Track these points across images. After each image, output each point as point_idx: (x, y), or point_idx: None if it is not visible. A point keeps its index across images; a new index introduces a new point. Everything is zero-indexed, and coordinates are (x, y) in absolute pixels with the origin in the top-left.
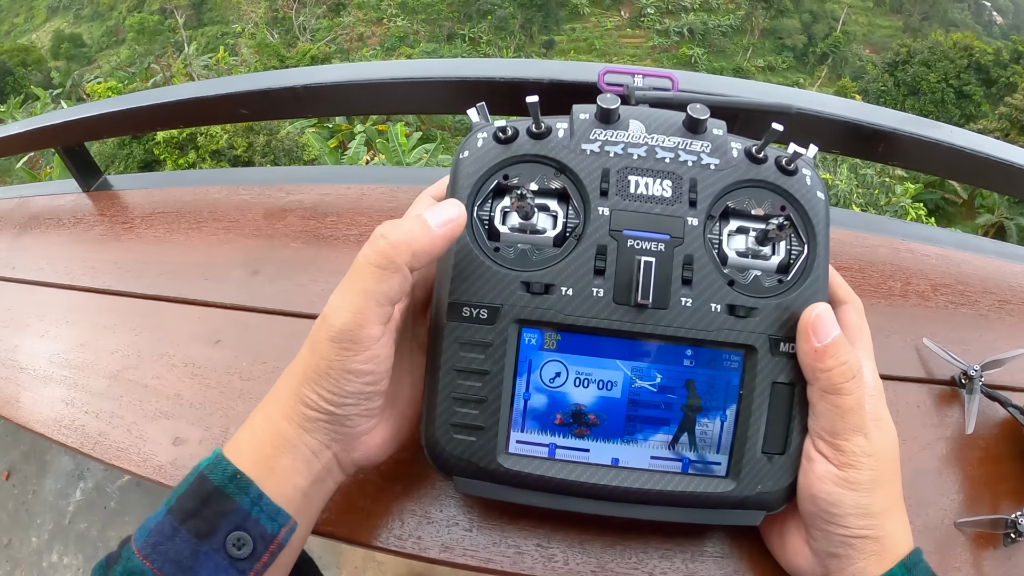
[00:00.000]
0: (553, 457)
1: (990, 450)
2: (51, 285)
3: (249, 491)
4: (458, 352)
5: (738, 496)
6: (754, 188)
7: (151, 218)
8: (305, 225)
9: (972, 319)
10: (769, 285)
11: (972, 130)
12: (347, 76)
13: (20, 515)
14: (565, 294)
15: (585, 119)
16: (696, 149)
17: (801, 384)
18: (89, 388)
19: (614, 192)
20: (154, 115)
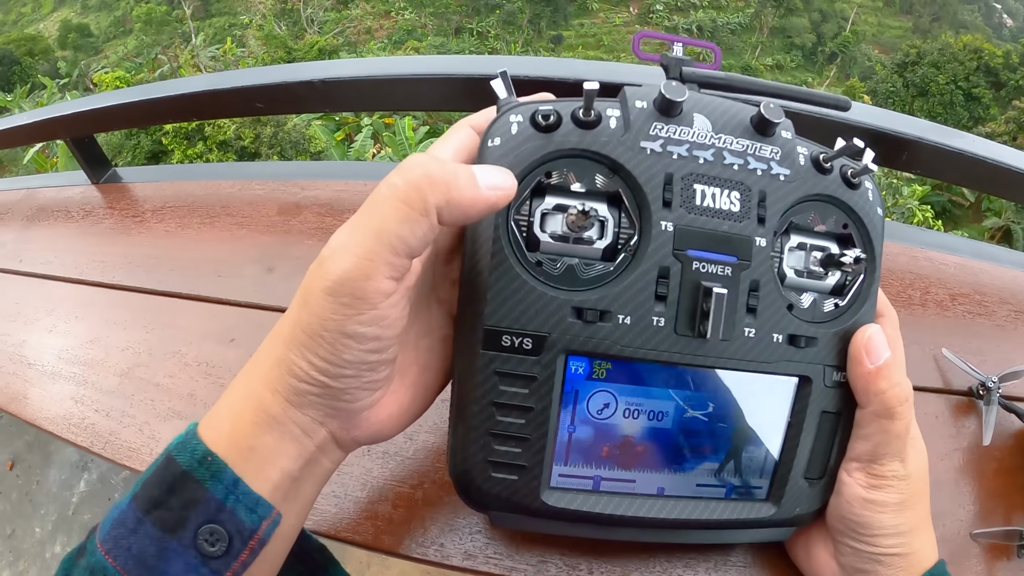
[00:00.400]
0: (598, 489)
1: (1006, 462)
2: (59, 279)
3: (223, 476)
4: (496, 385)
5: (778, 519)
6: (819, 203)
7: (162, 212)
8: (321, 222)
9: (989, 329)
10: (827, 310)
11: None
12: (365, 71)
13: (24, 506)
14: (622, 323)
15: (643, 109)
16: (766, 155)
17: (847, 412)
18: (99, 386)
19: (678, 203)
20: (167, 107)
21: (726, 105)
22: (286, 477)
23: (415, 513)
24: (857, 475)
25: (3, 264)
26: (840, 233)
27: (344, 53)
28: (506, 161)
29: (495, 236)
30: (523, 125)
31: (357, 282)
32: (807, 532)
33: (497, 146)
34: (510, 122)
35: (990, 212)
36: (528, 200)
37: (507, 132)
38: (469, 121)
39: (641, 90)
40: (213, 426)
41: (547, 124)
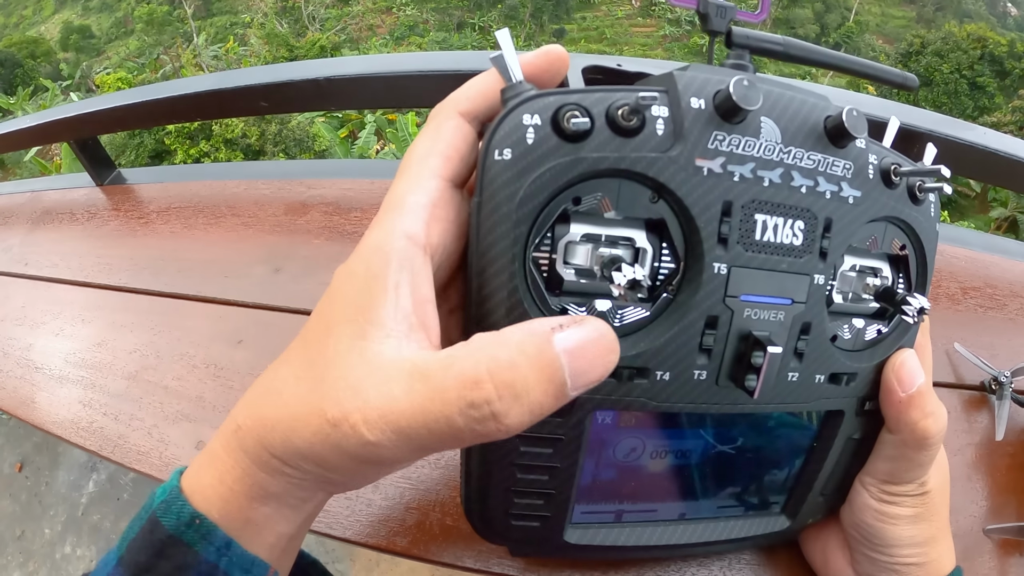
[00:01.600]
0: (620, 521)
1: (1018, 457)
2: (65, 282)
3: (213, 538)
4: (517, 447)
5: (792, 530)
6: (882, 223)
7: (167, 213)
8: (328, 221)
9: (1001, 323)
10: (869, 337)
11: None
12: (370, 68)
13: (33, 507)
14: (660, 379)
15: (700, 110)
16: (838, 174)
17: (872, 434)
18: (107, 389)
19: (736, 239)
20: (171, 108)
21: (797, 103)
22: (283, 538)
23: (428, 516)
24: (871, 488)
25: (9, 268)
26: (894, 254)
27: (346, 50)
28: (522, 185)
29: (510, 282)
30: (542, 130)
31: (402, 464)
32: (824, 538)
33: (508, 162)
34: (524, 126)
35: (996, 202)
36: (551, 230)
37: (521, 141)
38: (457, 105)
39: (696, 79)
40: (201, 488)
41: (580, 129)
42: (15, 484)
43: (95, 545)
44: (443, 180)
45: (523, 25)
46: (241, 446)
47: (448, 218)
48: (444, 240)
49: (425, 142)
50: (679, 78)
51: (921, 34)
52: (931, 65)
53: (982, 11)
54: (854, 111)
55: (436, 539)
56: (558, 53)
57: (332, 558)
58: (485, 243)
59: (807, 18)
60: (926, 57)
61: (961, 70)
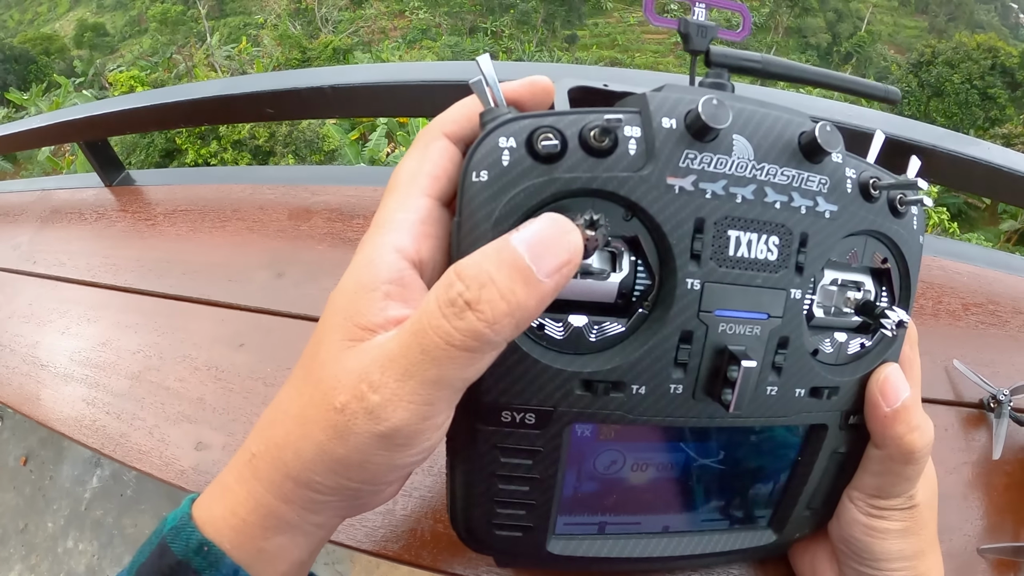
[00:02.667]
0: (603, 533)
1: (1015, 476)
2: (73, 281)
3: (221, 566)
4: (497, 459)
5: (779, 544)
6: (862, 237)
7: (174, 215)
8: (331, 227)
9: (1002, 340)
10: (852, 351)
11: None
12: (376, 77)
13: (36, 500)
14: (636, 392)
15: (671, 130)
16: (813, 189)
17: (858, 448)
18: (110, 388)
19: (709, 255)
20: (179, 112)
21: (770, 120)
22: (295, 565)
23: (420, 522)
24: (859, 503)
25: (18, 265)
26: (876, 268)
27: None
28: (498, 205)
29: None
30: (517, 152)
31: (415, 427)
32: (813, 551)
33: (485, 183)
34: (500, 148)
35: (1006, 215)
36: None
37: (497, 163)
38: (443, 127)
39: (668, 100)
40: (212, 520)
41: (551, 151)
42: (19, 477)
43: (97, 540)
44: (431, 199)
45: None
46: (255, 475)
47: (437, 235)
48: (434, 256)
49: (412, 162)
50: (651, 99)
51: (932, 44)
52: (942, 75)
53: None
54: (827, 126)
55: (427, 545)
56: (543, 84)
57: (333, 559)
58: None
59: (819, 27)
60: (937, 67)
61: (972, 80)
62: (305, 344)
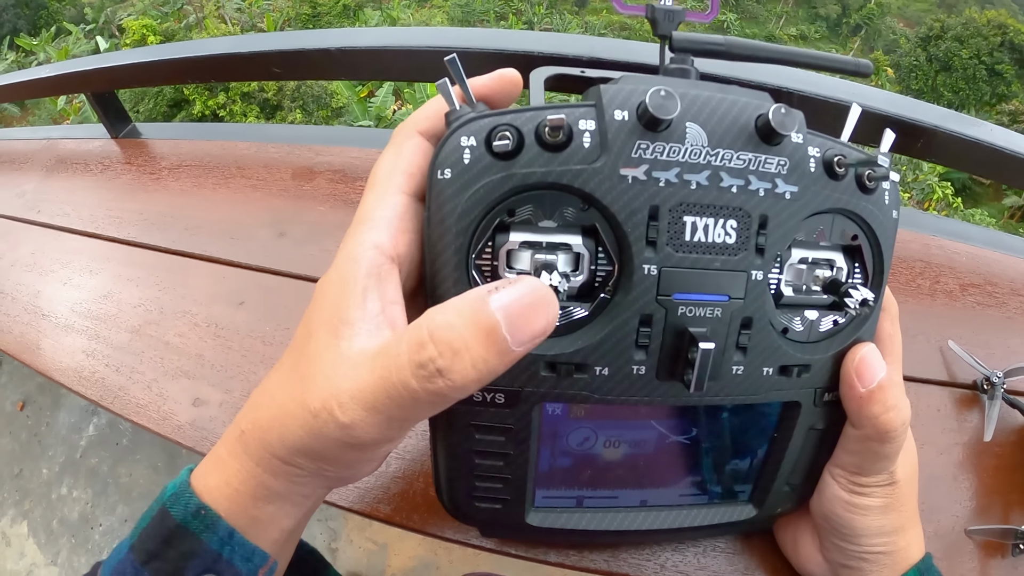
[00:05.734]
0: (581, 506)
1: (1006, 458)
2: (76, 232)
3: (217, 528)
4: (472, 435)
5: (759, 519)
6: (828, 215)
7: (178, 170)
8: (334, 188)
9: (998, 321)
10: (824, 329)
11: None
12: (381, 41)
13: (32, 446)
14: (599, 374)
15: (623, 121)
16: (771, 171)
17: (836, 426)
18: (111, 341)
19: (664, 241)
20: (187, 68)
21: (725, 105)
22: (284, 532)
23: (412, 484)
24: (841, 480)
25: (22, 214)
26: (848, 245)
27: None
28: (462, 202)
29: (455, 288)
30: (477, 151)
31: (382, 444)
32: (795, 524)
33: (449, 180)
34: (461, 147)
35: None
36: (491, 239)
37: (459, 161)
38: (416, 125)
39: (621, 92)
40: (208, 489)
41: (506, 149)
42: (16, 423)
43: (91, 488)
44: (406, 196)
45: None
46: (245, 450)
47: (413, 229)
48: (411, 250)
49: (389, 160)
50: (604, 92)
51: (942, 19)
52: (951, 50)
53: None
54: (782, 108)
55: (419, 508)
56: (510, 76)
57: (326, 515)
58: (432, 254)
59: None
60: (946, 42)
61: (980, 56)
62: (305, 305)
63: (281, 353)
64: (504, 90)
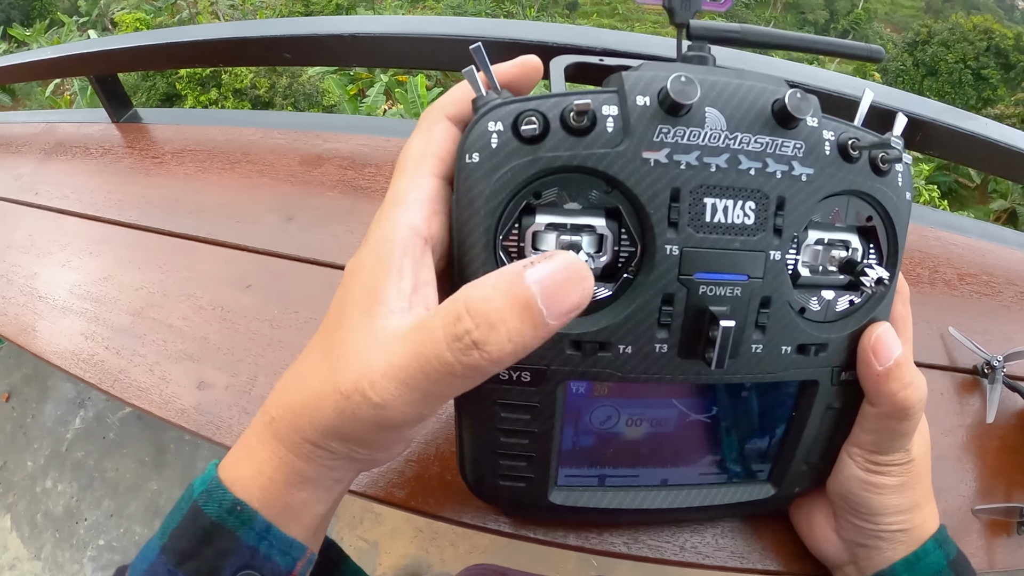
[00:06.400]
0: (603, 485)
1: (1008, 439)
2: (75, 215)
3: (254, 523)
4: (498, 414)
5: (777, 498)
6: (844, 196)
7: (182, 155)
8: (343, 175)
9: (995, 309)
10: (840, 308)
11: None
12: (398, 29)
13: (17, 438)
14: (624, 352)
15: (645, 107)
16: (788, 154)
17: (853, 405)
18: (111, 323)
19: (686, 222)
20: (196, 51)
21: (743, 90)
22: (317, 518)
23: (427, 469)
24: (858, 459)
25: (19, 196)
26: (863, 226)
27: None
28: (490, 185)
29: (482, 268)
30: (504, 135)
31: (412, 423)
32: (808, 506)
33: (477, 164)
34: (489, 132)
35: (996, 194)
36: (518, 221)
37: (487, 145)
38: (444, 110)
39: (643, 79)
40: (240, 479)
41: (532, 134)
42: (1, 414)
43: (76, 482)
44: (437, 178)
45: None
46: (276, 436)
47: (444, 211)
48: (443, 232)
49: (419, 143)
50: (627, 78)
51: (928, 24)
52: (937, 55)
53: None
54: (798, 93)
55: (434, 493)
56: (532, 63)
57: None
58: (461, 235)
59: (817, 4)
60: (932, 47)
61: (966, 61)
62: (315, 288)
63: (289, 337)
64: (527, 76)
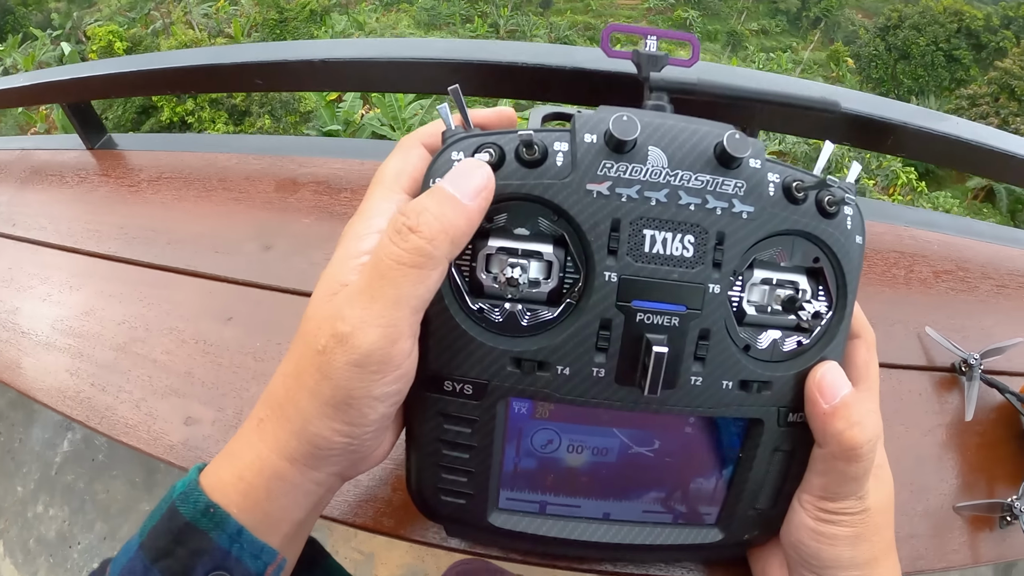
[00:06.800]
0: (544, 512)
1: (987, 435)
2: (54, 247)
3: (226, 526)
4: (441, 424)
5: (726, 544)
6: (788, 237)
7: (158, 183)
8: (318, 200)
9: (971, 305)
10: (788, 348)
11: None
12: (367, 53)
13: (5, 463)
14: (561, 373)
15: (592, 144)
16: (728, 192)
17: (803, 449)
18: (95, 359)
19: (625, 251)
20: (166, 79)
21: (687, 133)
22: (295, 524)
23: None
24: (808, 507)
25: None
26: (811, 267)
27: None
28: None
29: None
30: None
31: (384, 350)
32: (765, 554)
33: None
34: (452, 160)
35: None
36: (470, 244)
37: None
38: (421, 138)
39: (592, 119)
40: (221, 485)
41: (489, 163)
42: None
43: (68, 506)
44: (408, 195)
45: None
46: (262, 439)
47: None
48: None
49: (396, 163)
50: (578, 119)
51: (899, 8)
52: (908, 39)
53: None
54: (736, 135)
55: (388, 513)
56: (507, 113)
57: None
58: None
59: None
60: (904, 31)
61: (938, 43)
62: (296, 319)
63: (272, 369)
64: (501, 123)
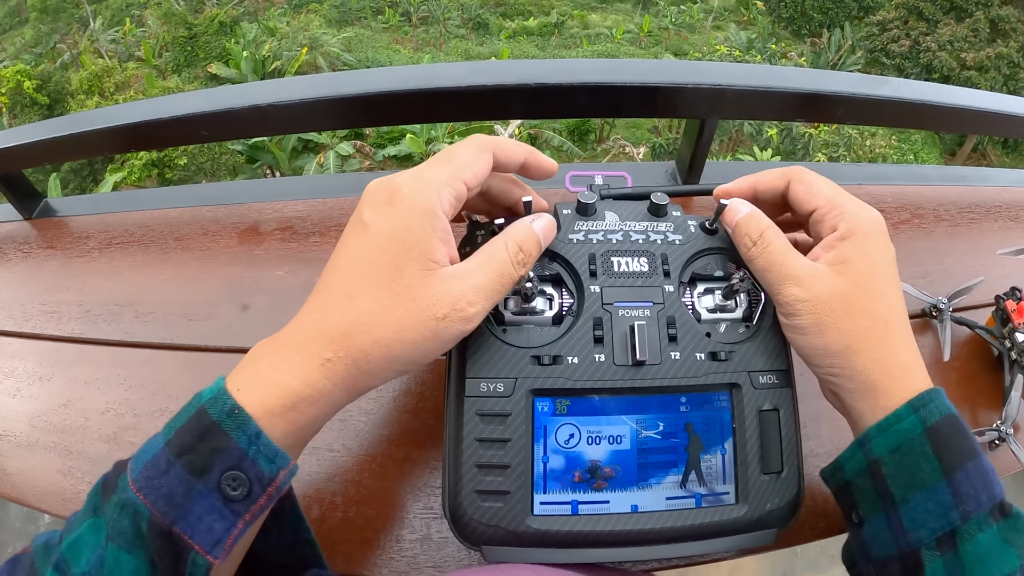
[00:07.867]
0: (577, 513)
1: (964, 369)
2: (11, 334)
3: (247, 428)
4: (479, 424)
5: (750, 518)
6: (712, 255)
7: (110, 249)
8: (287, 248)
9: (930, 250)
10: (740, 332)
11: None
12: (317, 92)
13: None
14: (571, 363)
15: (568, 214)
16: (662, 229)
17: (785, 408)
18: (86, 455)
19: (601, 272)
20: (103, 139)
21: (629, 204)
22: (306, 437)
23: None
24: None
25: None
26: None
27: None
28: None
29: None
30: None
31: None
32: None
33: None
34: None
35: None
36: None
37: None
38: (493, 146)
39: (567, 203)
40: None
41: None
42: None
43: None
44: (464, 185)
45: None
46: (327, 377)
47: (457, 206)
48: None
49: (468, 157)
50: (559, 204)
51: None
52: None
53: None
54: (658, 193)
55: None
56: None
57: None
58: None
59: None
60: None
61: None
62: None
63: None
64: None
